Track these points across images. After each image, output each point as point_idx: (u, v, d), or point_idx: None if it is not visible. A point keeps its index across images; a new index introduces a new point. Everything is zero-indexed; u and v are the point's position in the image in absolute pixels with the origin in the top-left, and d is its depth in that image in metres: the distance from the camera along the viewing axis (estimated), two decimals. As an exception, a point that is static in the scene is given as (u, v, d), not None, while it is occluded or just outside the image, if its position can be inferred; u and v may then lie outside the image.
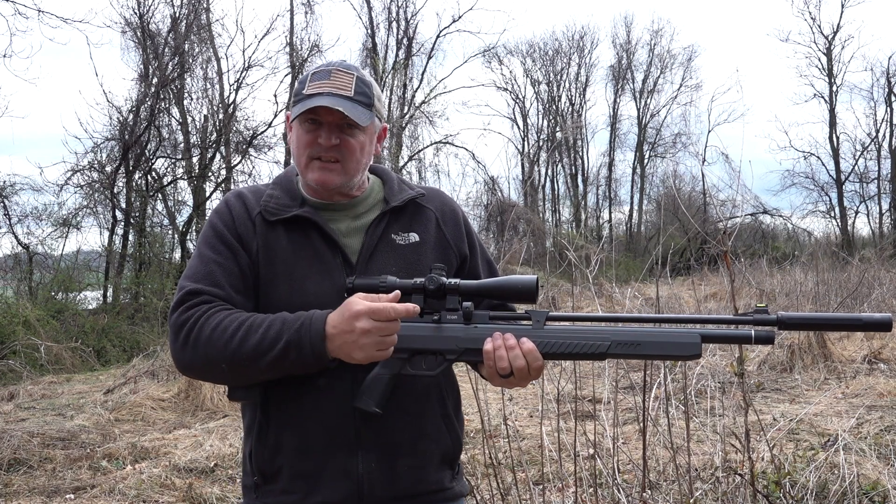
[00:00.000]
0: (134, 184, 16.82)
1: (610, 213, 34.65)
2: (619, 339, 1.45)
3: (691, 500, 3.02)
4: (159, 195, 17.95)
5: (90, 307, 14.52)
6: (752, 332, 1.41)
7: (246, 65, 19.41)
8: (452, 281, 1.49)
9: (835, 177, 30.29)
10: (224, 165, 18.97)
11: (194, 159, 18.46)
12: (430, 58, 25.93)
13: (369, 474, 1.53)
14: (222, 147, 18.78)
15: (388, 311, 1.38)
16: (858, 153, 30.80)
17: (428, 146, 24.78)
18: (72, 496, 4.57)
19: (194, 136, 18.98)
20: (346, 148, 1.55)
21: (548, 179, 34.19)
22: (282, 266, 1.55)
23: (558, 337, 1.46)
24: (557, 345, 1.46)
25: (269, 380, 1.50)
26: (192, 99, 19.29)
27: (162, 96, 17.45)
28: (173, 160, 18.35)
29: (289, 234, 1.57)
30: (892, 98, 30.11)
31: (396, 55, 25.54)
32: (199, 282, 1.50)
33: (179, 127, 18.81)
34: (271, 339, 1.41)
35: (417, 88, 25.40)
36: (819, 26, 30.81)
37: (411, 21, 25.69)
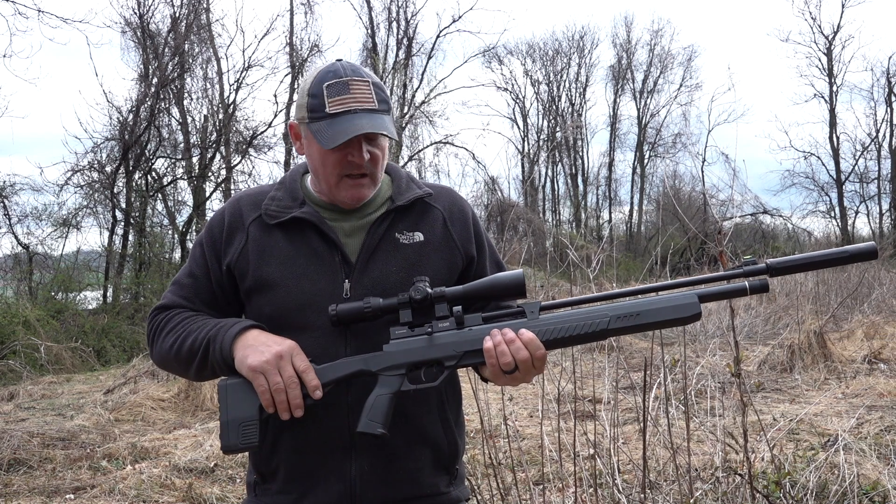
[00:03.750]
0: (134, 184, 16.83)
1: (610, 213, 34.71)
2: (618, 314, 1.42)
3: (691, 500, 3.02)
4: (159, 195, 17.96)
5: (90, 307, 14.53)
6: (747, 283, 1.41)
7: (246, 65, 19.44)
8: (437, 290, 1.46)
9: (835, 177, 30.32)
10: (224, 165, 18.97)
11: (194, 159, 18.46)
12: (430, 58, 25.95)
13: (362, 477, 1.52)
14: (222, 147, 18.78)
15: (305, 366, 1.43)
16: (858, 153, 30.86)
17: (428, 146, 24.82)
18: (72, 496, 4.57)
19: (194, 136, 18.99)
20: (374, 160, 1.54)
21: (548, 179, 34.25)
22: (281, 267, 1.55)
23: (556, 323, 1.43)
24: (557, 331, 1.43)
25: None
26: (192, 99, 19.32)
27: (162, 96, 17.46)
28: (173, 160, 18.37)
29: (288, 235, 1.57)
30: (893, 98, 30.12)
31: (396, 55, 25.56)
32: (175, 294, 1.61)
33: (179, 127, 18.84)
34: (202, 338, 1.49)
35: (417, 88, 25.42)
36: (819, 26, 30.86)
37: (411, 21, 25.72)
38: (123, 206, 16.63)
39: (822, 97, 30.53)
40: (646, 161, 34.56)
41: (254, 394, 1.43)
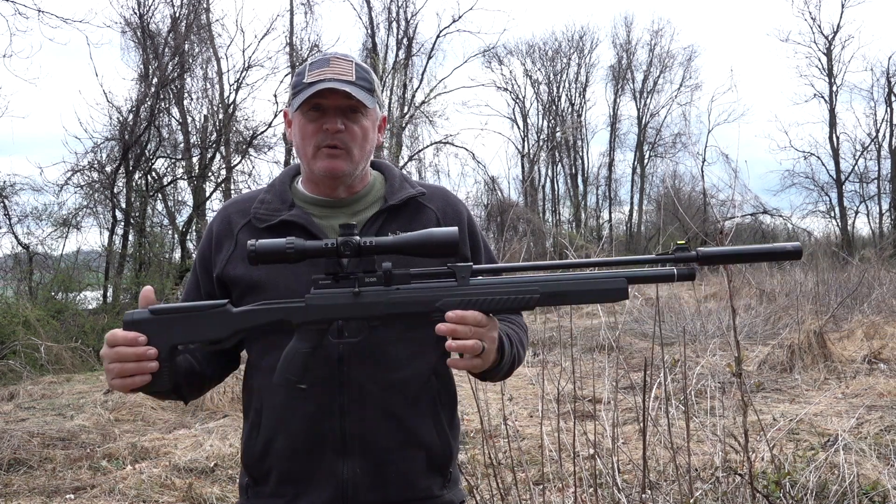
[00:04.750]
0: (134, 184, 16.81)
1: (610, 213, 34.70)
2: (549, 290, 1.42)
3: (691, 500, 3.02)
4: (159, 195, 17.94)
5: (90, 307, 14.51)
6: (675, 270, 1.43)
7: (246, 65, 19.41)
8: (367, 239, 1.40)
9: (835, 177, 30.31)
10: (224, 165, 18.96)
11: (194, 159, 18.44)
12: (430, 58, 25.94)
13: (354, 478, 1.51)
14: (222, 147, 18.77)
15: (111, 335, 1.37)
16: (858, 153, 30.84)
17: (428, 146, 24.79)
18: (72, 496, 4.57)
19: (194, 136, 18.98)
20: (351, 134, 1.55)
21: (548, 179, 34.24)
22: (270, 269, 1.54)
23: (487, 292, 1.41)
24: (486, 302, 1.41)
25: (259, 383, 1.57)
26: (192, 99, 19.30)
27: (162, 96, 17.44)
28: (173, 160, 18.36)
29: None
30: (892, 98, 30.11)
31: (396, 55, 25.56)
32: None
33: (179, 127, 18.82)
34: None
35: (417, 88, 25.43)
36: (819, 26, 30.85)
37: (411, 21, 25.72)
38: (123, 206, 16.61)
39: (822, 97, 30.55)
40: (646, 161, 34.57)
41: (161, 335, 1.40)
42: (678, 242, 1.44)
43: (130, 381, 1.37)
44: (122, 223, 16.75)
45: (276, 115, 18.76)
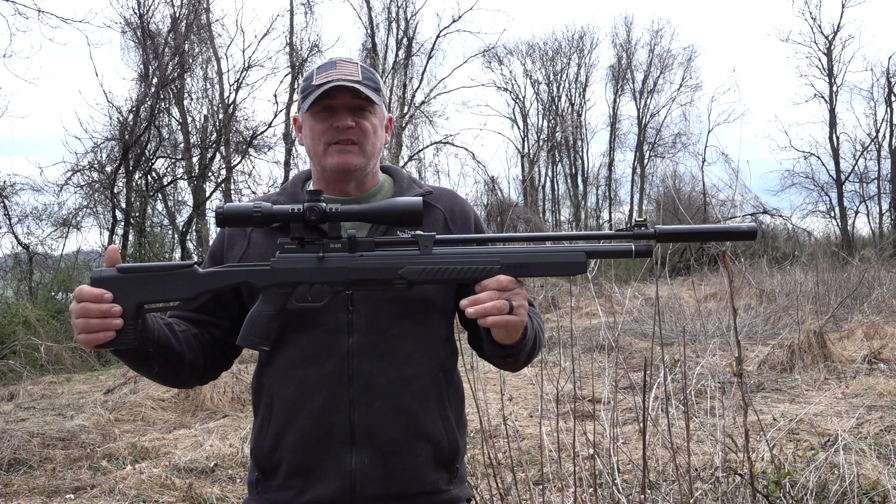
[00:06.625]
0: (134, 184, 16.81)
1: (610, 213, 34.67)
2: (509, 262, 1.45)
3: (691, 500, 3.02)
4: (159, 195, 17.95)
5: (90, 307, 14.48)
6: (633, 246, 1.46)
7: (246, 65, 19.42)
8: (333, 206, 1.45)
9: (835, 177, 30.29)
10: (224, 165, 18.96)
11: (194, 159, 18.45)
12: (430, 58, 25.93)
13: (362, 470, 1.53)
14: (222, 147, 18.77)
15: (78, 291, 1.38)
16: (858, 153, 30.81)
17: (428, 146, 24.77)
18: (72, 496, 4.57)
19: (194, 136, 18.98)
20: (361, 129, 1.59)
21: (548, 179, 34.23)
22: None
23: (449, 262, 1.45)
24: (448, 271, 1.45)
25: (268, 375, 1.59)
26: (192, 99, 19.31)
27: (162, 96, 17.44)
28: (173, 160, 18.36)
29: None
30: (892, 98, 30.09)
31: (396, 55, 25.54)
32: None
33: (179, 127, 18.82)
34: None
35: (417, 88, 25.40)
36: (819, 26, 30.83)
37: (411, 21, 25.70)
38: (123, 206, 16.60)
39: (822, 97, 30.52)
40: (646, 161, 34.57)
41: (127, 292, 1.40)
42: (637, 219, 1.47)
43: (94, 336, 1.38)
44: (122, 223, 16.75)
45: (276, 116, 18.79)
